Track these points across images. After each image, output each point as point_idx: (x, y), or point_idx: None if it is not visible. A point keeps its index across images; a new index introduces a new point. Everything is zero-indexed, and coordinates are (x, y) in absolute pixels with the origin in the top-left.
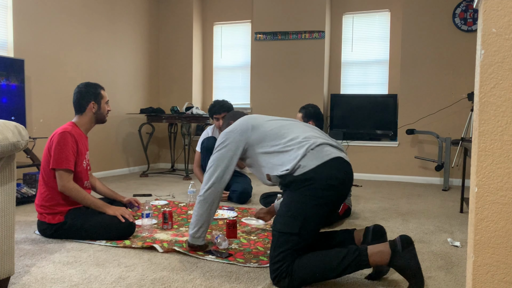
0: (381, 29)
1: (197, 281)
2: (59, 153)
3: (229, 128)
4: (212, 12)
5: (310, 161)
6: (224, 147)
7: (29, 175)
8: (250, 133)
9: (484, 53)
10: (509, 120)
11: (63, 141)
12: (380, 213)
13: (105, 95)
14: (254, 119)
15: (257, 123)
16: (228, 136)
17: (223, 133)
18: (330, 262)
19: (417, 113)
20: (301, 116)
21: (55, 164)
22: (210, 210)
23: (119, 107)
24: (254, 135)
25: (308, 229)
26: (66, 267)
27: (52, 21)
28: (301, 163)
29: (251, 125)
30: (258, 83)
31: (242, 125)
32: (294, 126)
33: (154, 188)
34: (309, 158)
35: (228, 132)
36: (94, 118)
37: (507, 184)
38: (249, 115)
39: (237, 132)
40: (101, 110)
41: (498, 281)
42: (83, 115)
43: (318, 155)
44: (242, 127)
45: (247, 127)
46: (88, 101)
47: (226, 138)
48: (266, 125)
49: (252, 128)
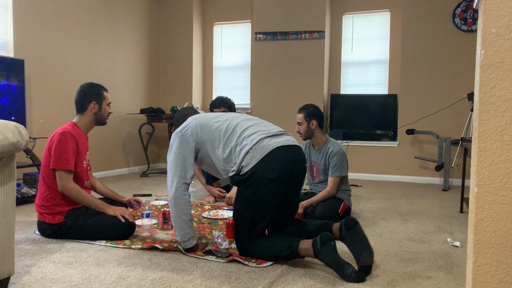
0: (381, 29)
1: (197, 281)
2: (59, 153)
3: (178, 128)
4: (212, 12)
5: (249, 159)
6: (176, 147)
7: (29, 175)
8: (200, 134)
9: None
10: (509, 120)
11: (63, 141)
12: (380, 213)
13: (108, 96)
14: (201, 118)
15: (204, 122)
16: (177, 137)
17: (173, 134)
18: (272, 251)
19: (417, 113)
20: (303, 116)
21: (55, 165)
22: (183, 210)
23: (119, 107)
24: (203, 135)
25: (260, 217)
26: (66, 267)
27: (52, 21)
28: (243, 163)
29: (199, 125)
30: (258, 83)
31: (191, 125)
32: (237, 125)
33: (154, 188)
34: (249, 157)
35: (176, 133)
36: (94, 119)
37: (507, 184)
38: (198, 115)
39: (186, 132)
40: (102, 111)
41: (498, 281)
42: (83, 115)
43: (256, 153)
44: (191, 128)
45: (195, 127)
46: (90, 101)
47: (175, 139)
48: (213, 124)
49: (200, 128)
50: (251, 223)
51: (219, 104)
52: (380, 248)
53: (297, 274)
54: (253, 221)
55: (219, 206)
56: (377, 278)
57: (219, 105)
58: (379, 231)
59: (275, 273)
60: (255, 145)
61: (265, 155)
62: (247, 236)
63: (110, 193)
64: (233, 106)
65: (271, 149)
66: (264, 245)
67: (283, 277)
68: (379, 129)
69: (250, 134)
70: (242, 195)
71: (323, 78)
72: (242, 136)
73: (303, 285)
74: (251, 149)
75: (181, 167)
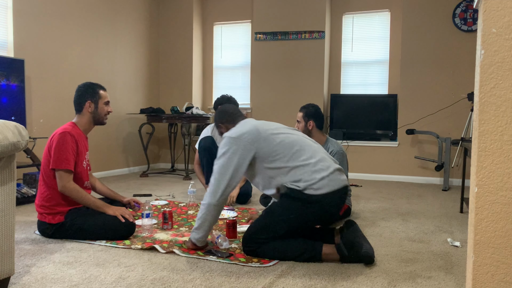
0: (381, 29)
1: (197, 281)
2: (59, 153)
3: (235, 133)
4: (212, 12)
5: (323, 185)
6: (231, 154)
7: (29, 175)
8: (261, 144)
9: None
10: (509, 120)
11: (62, 141)
12: (380, 213)
13: (104, 95)
14: (261, 128)
15: (265, 135)
16: (234, 143)
17: (228, 138)
18: (291, 253)
19: (417, 113)
20: (302, 115)
21: (55, 165)
22: (216, 217)
23: (119, 107)
24: (264, 147)
25: (290, 232)
26: (66, 267)
27: (52, 21)
28: (316, 186)
29: (261, 136)
30: (258, 83)
31: (251, 133)
32: (304, 144)
33: (154, 188)
34: (323, 183)
35: (234, 138)
36: (92, 119)
37: (507, 184)
38: (253, 122)
39: (246, 140)
40: (99, 110)
41: (498, 281)
42: (81, 114)
43: (331, 183)
44: (251, 136)
45: (257, 137)
46: (85, 100)
47: (232, 145)
48: (275, 138)
49: (262, 139)
50: (279, 232)
51: (224, 102)
52: (380, 248)
53: (297, 274)
54: (283, 232)
55: None
56: (377, 278)
57: (223, 103)
58: (379, 231)
59: (275, 273)
60: (331, 174)
61: (336, 189)
62: (264, 239)
63: (110, 193)
64: (236, 105)
65: (340, 187)
66: (281, 247)
67: (283, 277)
68: (379, 129)
69: (322, 159)
70: (291, 208)
71: (323, 78)
72: (315, 158)
73: (303, 285)
74: (327, 177)
75: (231, 175)
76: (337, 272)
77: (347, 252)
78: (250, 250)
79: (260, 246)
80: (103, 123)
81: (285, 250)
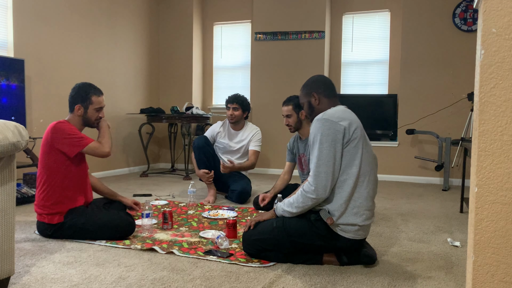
0: (381, 29)
1: (197, 281)
2: (70, 137)
3: (329, 115)
4: (212, 12)
5: (351, 231)
6: (332, 141)
7: (29, 175)
8: (350, 144)
9: (484, 53)
10: (509, 120)
11: (64, 127)
12: (380, 213)
13: (97, 101)
14: (359, 126)
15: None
16: (327, 129)
17: (320, 121)
18: (292, 260)
19: (417, 113)
20: (292, 108)
21: (79, 145)
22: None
23: (119, 107)
24: (349, 149)
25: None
26: (66, 267)
27: (52, 21)
28: (346, 228)
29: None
30: (258, 83)
31: (353, 124)
32: (369, 175)
33: (154, 188)
34: (353, 229)
35: (328, 122)
36: (81, 121)
37: (507, 184)
38: (350, 112)
39: (341, 129)
40: (88, 115)
41: (498, 281)
42: (72, 114)
43: (358, 232)
44: (347, 126)
45: (357, 126)
46: (75, 103)
47: (324, 131)
48: (360, 145)
49: (353, 137)
50: (283, 250)
51: (232, 100)
52: (380, 248)
53: (297, 274)
54: (287, 251)
55: (219, 206)
56: (377, 278)
57: (232, 101)
58: (379, 231)
59: (275, 273)
60: (365, 227)
61: (359, 239)
62: (265, 249)
63: (110, 193)
64: (245, 104)
65: (363, 238)
66: (281, 256)
67: (283, 277)
68: (379, 129)
69: (369, 207)
70: (307, 234)
71: None
72: (366, 202)
73: (303, 285)
74: (361, 227)
75: (336, 165)
76: (337, 272)
77: (347, 260)
78: (249, 253)
79: (259, 253)
80: (93, 127)
81: (285, 258)
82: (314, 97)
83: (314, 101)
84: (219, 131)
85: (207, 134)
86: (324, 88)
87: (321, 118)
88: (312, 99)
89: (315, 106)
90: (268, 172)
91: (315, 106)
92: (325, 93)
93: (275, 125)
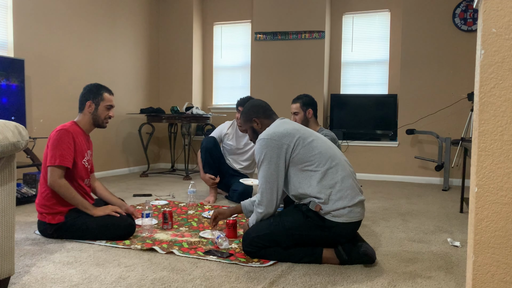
0: (381, 29)
1: (197, 281)
2: (54, 150)
3: (269, 133)
4: (212, 12)
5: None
6: (276, 158)
7: (29, 175)
8: (300, 150)
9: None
10: (509, 120)
11: (58, 138)
12: (380, 213)
13: (108, 98)
14: (302, 133)
15: (307, 141)
16: (275, 145)
17: (265, 140)
18: (291, 257)
19: (417, 113)
20: (299, 106)
21: (49, 161)
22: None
23: (119, 107)
24: (301, 152)
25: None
26: (66, 267)
27: (52, 21)
28: (335, 213)
29: (301, 138)
30: (258, 83)
31: (291, 136)
32: (340, 160)
33: (154, 188)
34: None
35: (272, 140)
36: (91, 120)
37: (507, 184)
38: (293, 124)
39: (286, 142)
40: (98, 112)
41: (498, 281)
42: (82, 114)
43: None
44: (293, 138)
45: (298, 140)
46: (86, 99)
47: (273, 148)
48: (314, 145)
49: (301, 145)
50: (282, 244)
51: (241, 103)
52: (380, 248)
53: (297, 274)
54: (286, 245)
55: (219, 206)
56: (377, 278)
57: (241, 103)
58: (379, 231)
59: (275, 273)
60: (354, 207)
61: (353, 221)
62: (264, 246)
63: (109, 197)
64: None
65: (357, 220)
66: (281, 253)
67: (283, 277)
68: (379, 129)
69: (350, 186)
70: (303, 226)
71: (323, 78)
72: (344, 183)
73: (303, 285)
74: (349, 207)
75: (279, 179)
76: (337, 272)
77: (346, 256)
78: (249, 252)
79: (259, 250)
80: (103, 126)
81: (284, 255)
82: (255, 122)
83: (257, 126)
84: (227, 133)
85: (215, 134)
86: (262, 111)
87: (263, 138)
88: (254, 124)
89: (258, 130)
90: None
91: (258, 130)
92: (264, 115)
93: None
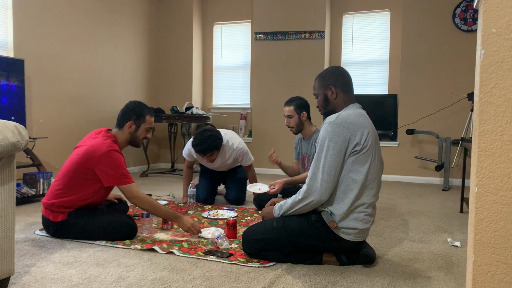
0: (381, 29)
1: (197, 281)
2: (117, 171)
3: (342, 121)
4: (212, 12)
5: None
6: (341, 142)
7: (29, 175)
8: (358, 153)
9: (484, 53)
10: (509, 120)
11: (115, 158)
12: (380, 213)
13: (150, 121)
14: (371, 135)
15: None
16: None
17: (331, 125)
18: (292, 260)
19: (417, 113)
20: (293, 109)
21: (119, 182)
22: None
23: (119, 107)
24: (357, 157)
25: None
26: (66, 267)
27: (52, 21)
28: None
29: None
30: (258, 83)
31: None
32: (378, 177)
33: (154, 188)
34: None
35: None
36: (129, 138)
37: (507, 184)
38: (364, 115)
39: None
40: (138, 133)
41: (498, 281)
42: (121, 131)
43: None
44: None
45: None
46: (128, 119)
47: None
48: (370, 156)
49: (363, 146)
50: (283, 250)
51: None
52: (380, 248)
53: (297, 274)
54: (287, 251)
55: (219, 206)
56: (377, 278)
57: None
58: (379, 231)
59: (275, 273)
60: (365, 230)
61: (359, 241)
62: (264, 249)
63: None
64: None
65: (363, 240)
66: (281, 256)
67: (283, 277)
68: (379, 129)
69: (371, 213)
70: (308, 235)
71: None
72: (369, 208)
73: (303, 285)
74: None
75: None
76: (337, 272)
77: (346, 260)
78: (249, 253)
79: (259, 252)
80: (138, 146)
81: (285, 258)
82: (331, 90)
83: (331, 95)
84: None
85: (189, 157)
86: (342, 82)
87: (333, 122)
88: (329, 92)
89: (331, 100)
90: (268, 172)
91: (331, 100)
92: (343, 88)
93: (275, 125)
